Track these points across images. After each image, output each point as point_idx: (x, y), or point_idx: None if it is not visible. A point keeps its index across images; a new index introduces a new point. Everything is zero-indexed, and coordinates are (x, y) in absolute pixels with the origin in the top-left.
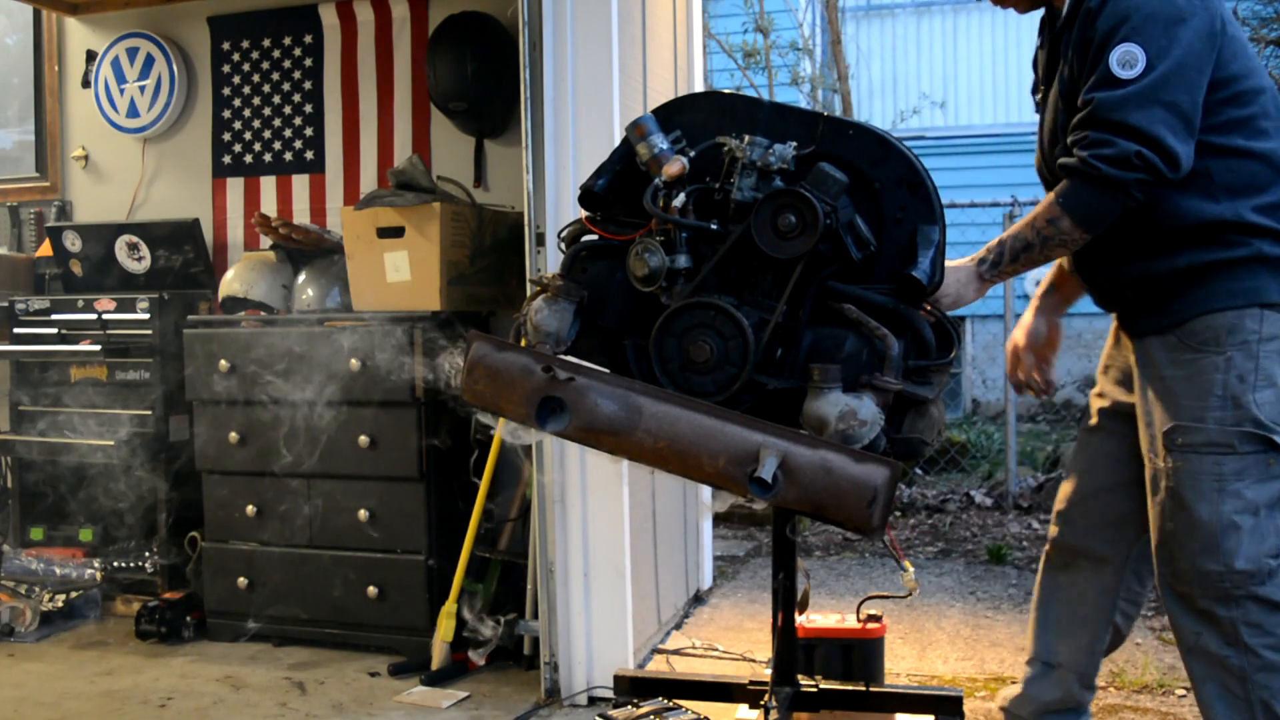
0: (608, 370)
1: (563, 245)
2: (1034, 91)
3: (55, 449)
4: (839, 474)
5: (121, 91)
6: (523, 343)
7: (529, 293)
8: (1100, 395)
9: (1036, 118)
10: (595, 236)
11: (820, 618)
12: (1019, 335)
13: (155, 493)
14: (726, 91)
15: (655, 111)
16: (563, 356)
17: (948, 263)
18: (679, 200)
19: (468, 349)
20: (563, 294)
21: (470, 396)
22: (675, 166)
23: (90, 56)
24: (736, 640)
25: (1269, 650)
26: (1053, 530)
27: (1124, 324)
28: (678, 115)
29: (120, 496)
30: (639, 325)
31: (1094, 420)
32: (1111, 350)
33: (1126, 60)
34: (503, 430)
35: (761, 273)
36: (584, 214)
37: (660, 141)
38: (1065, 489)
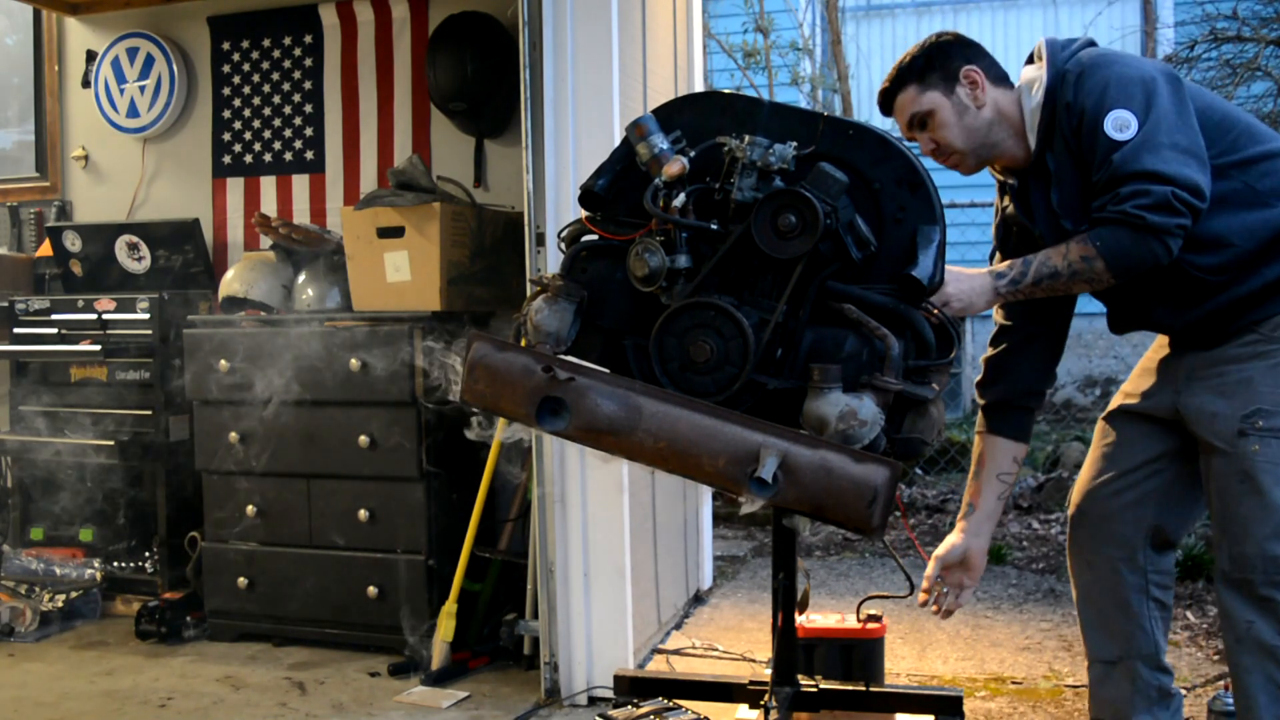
0: (608, 370)
1: (563, 245)
2: (999, 252)
3: (55, 449)
4: (839, 474)
5: (121, 91)
6: (523, 343)
7: (529, 293)
8: (1130, 395)
9: None
10: (595, 236)
11: (820, 618)
12: (941, 550)
13: (155, 492)
14: (726, 91)
15: (655, 111)
16: (563, 356)
17: (962, 270)
18: (679, 200)
19: (468, 349)
20: (563, 294)
21: (470, 396)
22: (675, 166)
23: (90, 56)
24: (736, 640)
25: None
26: (1072, 520)
27: (1196, 346)
28: (678, 115)
29: (120, 496)
30: (639, 325)
31: (1113, 412)
32: (1154, 355)
33: (1120, 124)
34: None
35: (761, 273)
36: (584, 214)
37: (660, 141)
38: (1083, 477)
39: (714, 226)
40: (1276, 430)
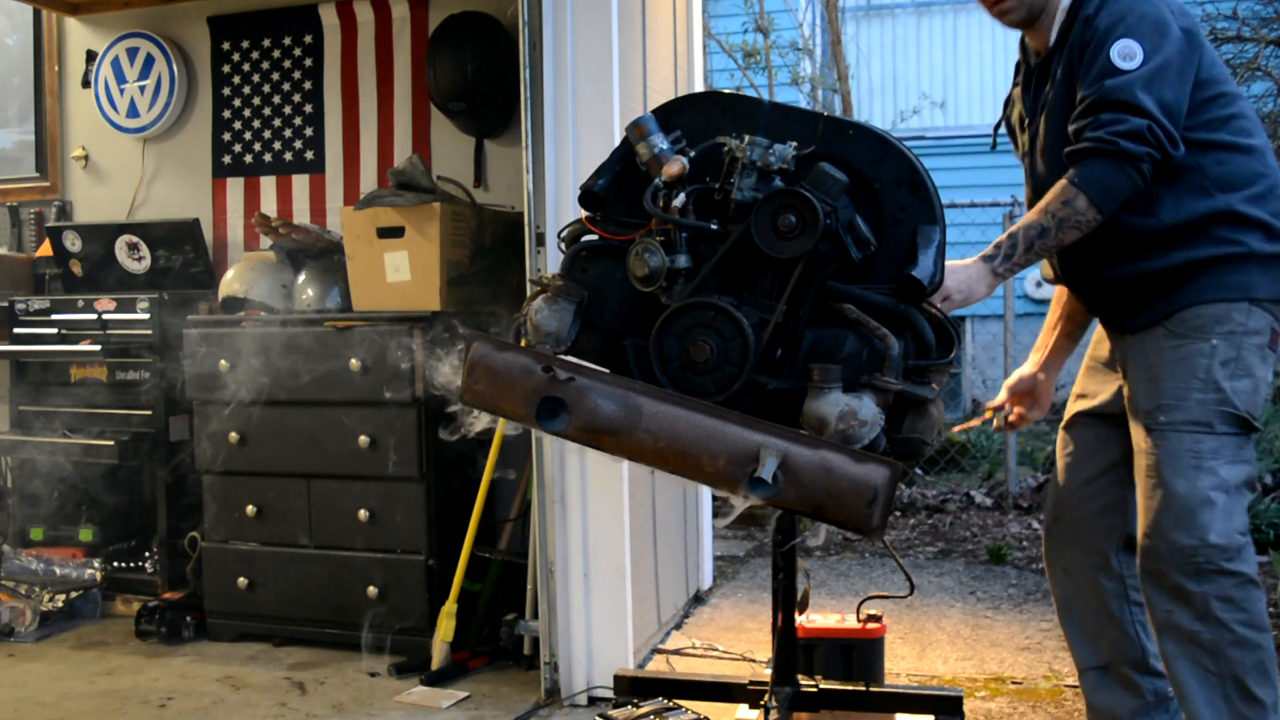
0: (608, 370)
1: (563, 245)
2: (1020, 147)
3: (55, 449)
4: (839, 474)
5: (121, 91)
6: (523, 343)
7: (529, 293)
8: (1082, 396)
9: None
10: (595, 236)
11: (820, 618)
12: (1011, 379)
13: (155, 493)
14: (727, 91)
15: (655, 111)
16: (563, 356)
17: (953, 263)
18: (679, 200)
19: (468, 349)
20: (563, 294)
21: (470, 397)
22: (675, 166)
23: (90, 56)
24: (736, 640)
25: (1241, 625)
26: (1046, 530)
27: (1113, 323)
28: (678, 115)
29: (120, 496)
30: (639, 325)
31: (1072, 419)
32: (1095, 352)
33: (1127, 53)
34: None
35: (761, 273)
36: (584, 214)
37: (660, 141)
38: (1053, 489)
39: (714, 226)
40: (1175, 424)
